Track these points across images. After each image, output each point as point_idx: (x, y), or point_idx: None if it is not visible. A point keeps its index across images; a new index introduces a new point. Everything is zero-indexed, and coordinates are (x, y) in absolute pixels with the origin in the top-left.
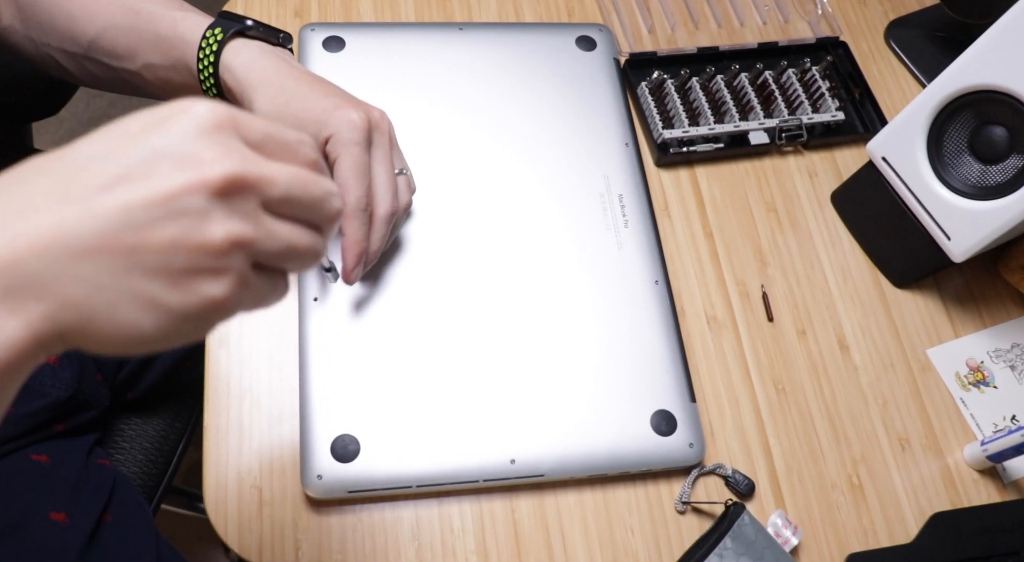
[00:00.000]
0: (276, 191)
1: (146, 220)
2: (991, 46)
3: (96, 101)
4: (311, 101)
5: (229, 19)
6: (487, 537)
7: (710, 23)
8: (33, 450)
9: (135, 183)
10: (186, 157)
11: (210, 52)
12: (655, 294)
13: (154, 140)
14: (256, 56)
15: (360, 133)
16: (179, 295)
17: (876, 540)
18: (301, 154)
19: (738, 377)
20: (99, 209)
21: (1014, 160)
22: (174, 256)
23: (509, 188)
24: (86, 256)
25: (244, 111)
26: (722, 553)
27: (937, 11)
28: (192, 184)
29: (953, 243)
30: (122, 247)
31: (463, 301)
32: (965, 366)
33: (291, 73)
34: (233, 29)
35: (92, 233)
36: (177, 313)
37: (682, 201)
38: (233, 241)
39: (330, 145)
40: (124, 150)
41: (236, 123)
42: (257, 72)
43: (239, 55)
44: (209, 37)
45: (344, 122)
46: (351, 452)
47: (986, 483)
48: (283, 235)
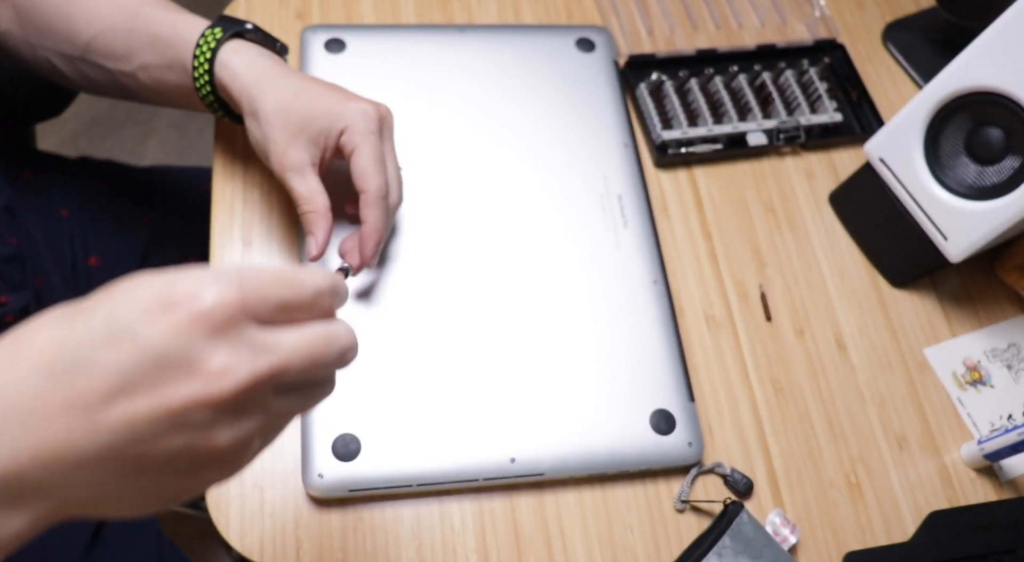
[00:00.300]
0: (290, 377)
1: (151, 434)
2: (987, 48)
3: (100, 103)
4: (320, 94)
5: (229, 22)
6: (487, 536)
7: (708, 25)
8: None
9: (139, 395)
10: (193, 365)
11: (207, 49)
12: (654, 294)
13: (158, 342)
14: (255, 57)
15: (375, 123)
16: (184, 485)
17: (874, 538)
18: (318, 309)
19: (736, 376)
20: (103, 424)
21: (1010, 161)
22: (179, 461)
23: (509, 189)
24: (90, 466)
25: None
26: (721, 551)
27: (934, 13)
28: (199, 399)
29: (950, 243)
30: (127, 459)
31: (463, 301)
32: (962, 365)
33: (291, 72)
34: (233, 30)
35: (96, 448)
36: (182, 496)
37: (681, 202)
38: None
39: (347, 136)
40: (127, 353)
41: (247, 307)
42: (258, 70)
43: (237, 54)
44: (208, 35)
45: (359, 113)
46: (352, 451)
47: (983, 482)
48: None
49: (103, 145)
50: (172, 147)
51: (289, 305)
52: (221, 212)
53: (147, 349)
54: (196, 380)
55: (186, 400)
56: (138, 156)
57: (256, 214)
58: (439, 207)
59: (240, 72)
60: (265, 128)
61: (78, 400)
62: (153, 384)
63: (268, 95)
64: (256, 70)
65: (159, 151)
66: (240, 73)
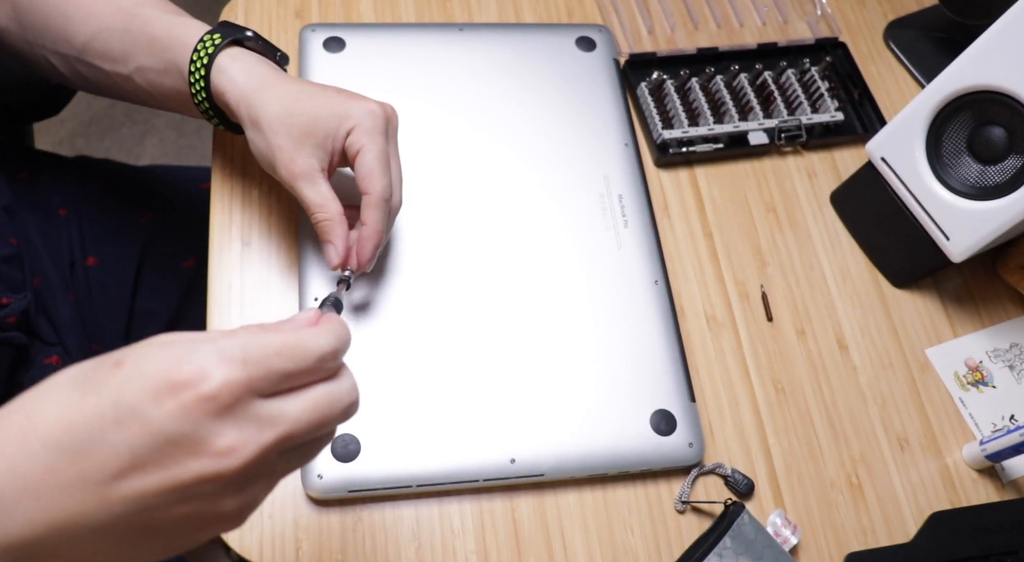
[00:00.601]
0: (296, 442)
1: (161, 505)
2: (990, 47)
3: (97, 102)
4: (322, 96)
5: (229, 28)
6: (487, 536)
7: (709, 24)
8: None
9: (149, 472)
10: (200, 444)
11: (204, 54)
12: (655, 294)
13: (166, 423)
14: (254, 64)
15: (382, 123)
16: (190, 540)
17: (875, 539)
18: (322, 371)
19: (737, 377)
20: (114, 498)
21: (1012, 160)
22: (187, 524)
23: (509, 188)
24: (103, 532)
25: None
26: (721, 552)
27: (936, 12)
28: (207, 476)
29: (952, 243)
30: (137, 526)
31: (463, 301)
32: (964, 366)
33: (290, 77)
34: (232, 37)
35: (109, 518)
36: (189, 548)
37: (682, 201)
38: (247, 504)
39: (354, 135)
40: (137, 433)
41: (251, 386)
42: (257, 77)
43: (235, 61)
44: (206, 40)
45: (366, 112)
46: (351, 452)
47: (985, 482)
48: (297, 465)
49: (101, 145)
50: (170, 147)
51: (293, 374)
52: (220, 212)
53: (155, 431)
54: (204, 458)
55: (195, 477)
56: (136, 156)
57: (255, 214)
58: (439, 206)
59: (238, 79)
60: (269, 136)
61: (91, 476)
62: (162, 462)
63: (268, 102)
64: (255, 77)
65: (157, 151)
66: (238, 80)
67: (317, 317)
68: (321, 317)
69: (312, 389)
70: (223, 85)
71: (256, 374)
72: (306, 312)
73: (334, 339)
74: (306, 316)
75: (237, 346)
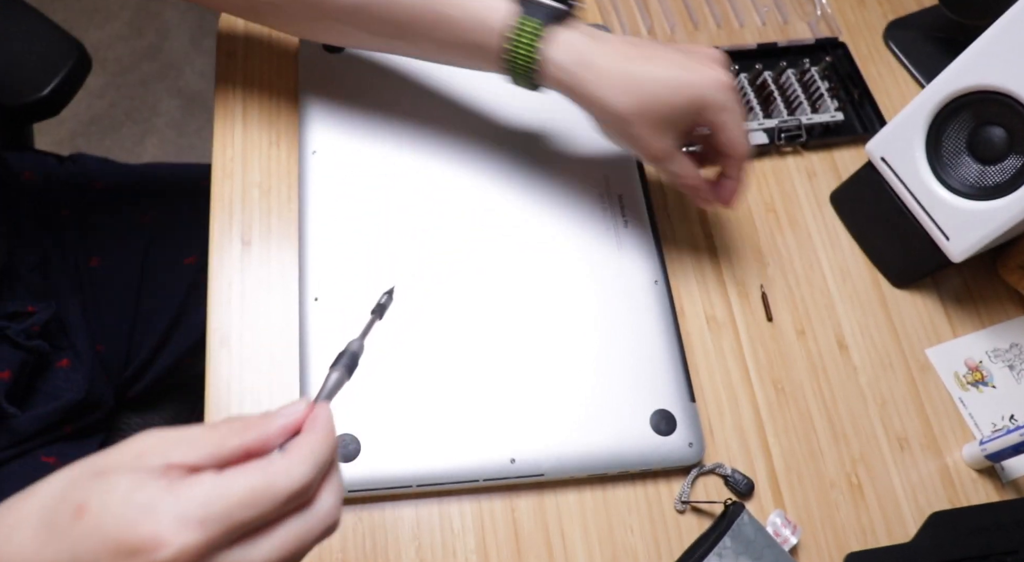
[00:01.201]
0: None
1: None
2: (990, 47)
3: (97, 102)
4: (667, 78)
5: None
6: (487, 536)
7: (709, 24)
8: (43, 452)
9: None
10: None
11: (526, 43)
12: (654, 294)
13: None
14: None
15: (733, 92)
16: None
17: (875, 539)
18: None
19: (737, 377)
20: None
21: (1012, 160)
22: None
23: (509, 188)
24: None
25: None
26: (721, 552)
27: (936, 12)
28: None
29: (952, 243)
30: None
31: (463, 301)
32: (964, 366)
33: (618, 54)
34: (543, 17)
35: None
36: None
37: (681, 201)
38: None
39: (711, 114)
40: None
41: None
42: (587, 63)
43: (559, 50)
44: (524, 27)
45: (716, 87)
46: (351, 452)
47: (984, 482)
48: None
49: (101, 144)
50: (170, 146)
51: (260, 519)
52: (220, 212)
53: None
54: None
55: None
56: (136, 156)
57: (255, 214)
58: (438, 206)
59: (571, 70)
60: (625, 128)
61: None
62: None
63: (615, 95)
64: (586, 65)
65: (157, 151)
66: (576, 72)
67: (307, 411)
68: (312, 411)
69: (283, 526)
70: (555, 77)
71: (216, 533)
72: (294, 407)
73: (309, 469)
74: (293, 413)
75: (197, 504)
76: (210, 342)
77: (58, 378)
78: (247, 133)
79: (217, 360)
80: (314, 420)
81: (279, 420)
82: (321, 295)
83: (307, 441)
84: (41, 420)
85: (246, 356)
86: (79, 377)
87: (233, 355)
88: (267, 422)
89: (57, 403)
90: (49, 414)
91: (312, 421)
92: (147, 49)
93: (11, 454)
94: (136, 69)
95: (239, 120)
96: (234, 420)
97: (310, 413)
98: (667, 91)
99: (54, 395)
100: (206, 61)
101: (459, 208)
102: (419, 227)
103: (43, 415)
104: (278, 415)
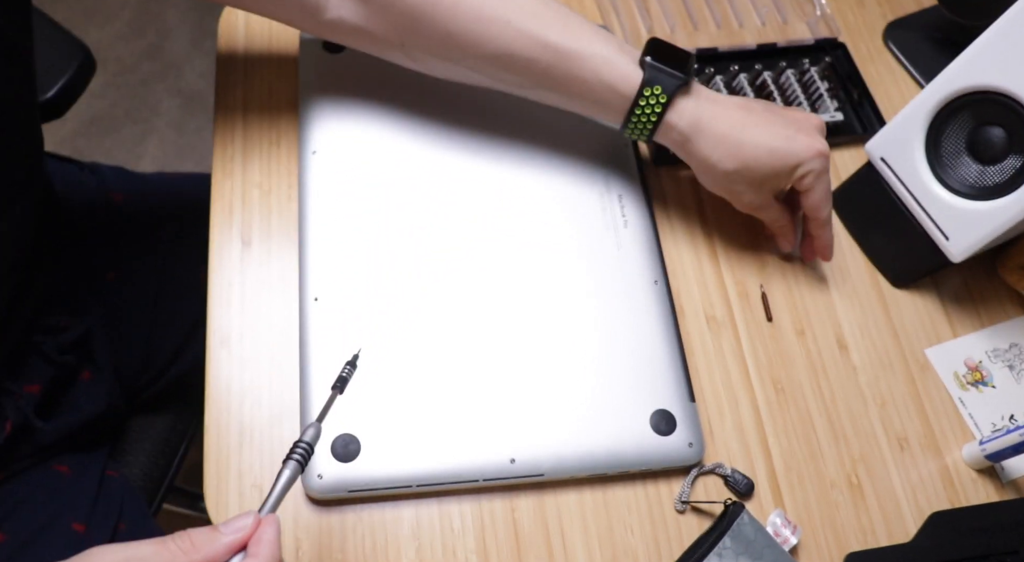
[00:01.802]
0: None
1: None
2: (989, 47)
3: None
4: (769, 145)
5: (660, 74)
6: (487, 536)
7: (709, 25)
8: (55, 461)
9: None
10: None
11: (651, 111)
12: (654, 294)
13: None
14: (696, 114)
15: (826, 162)
16: None
17: (875, 539)
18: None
19: (737, 377)
20: None
21: (1012, 160)
22: None
23: (509, 188)
24: None
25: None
26: (721, 552)
27: (935, 12)
28: None
29: (951, 243)
30: None
31: (463, 301)
32: (963, 366)
33: (729, 120)
34: (672, 87)
35: None
36: None
37: (681, 201)
38: None
39: (805, 179)
40: None
41: None
42: (702, 128)
43: (679, 116)
44: (649, 96)
45: (815, 156)
46: (351, 452)
47: (984, 482)
48: None
49: (102, 145)
50: (171, 146)
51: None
52: (220, 212)
53: None
54: None
55: None
56: (137, 156)
57: (255, 213)
58: (438, 206)
59: (686, 133)
60: (725, 183)
61: None
62: None
63: (720, 157)
64: (699, 130)
65: (158, 151)
66: (687, 134)
67: (254, 528)
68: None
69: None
70: (665, 133)
71: None
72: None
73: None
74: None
75: None
76: (210, 342)
77: (79, 391)
78: (247, 133)
79: (217, 360)
80: (258, 542)
81: (225, 538)
82: (321, 295)
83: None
84: (61, 432)
85: (246, 356)
86: (100, 391)
87: (233, 355)
88: (214, 540)
89: (79, 416)
90: (70, 426)
91: (255, 543)
92: (148, 49)
93: (28, 464)
94: (137, 69)
95: (239, 120)
96: (183, 537)
97: (255, 530)
98: (769, 158)
99: (76, 407)
100: (206, 61)
101: (458, 208)
102: (419, 227)
103: (64, 427)
104: (225, 533)
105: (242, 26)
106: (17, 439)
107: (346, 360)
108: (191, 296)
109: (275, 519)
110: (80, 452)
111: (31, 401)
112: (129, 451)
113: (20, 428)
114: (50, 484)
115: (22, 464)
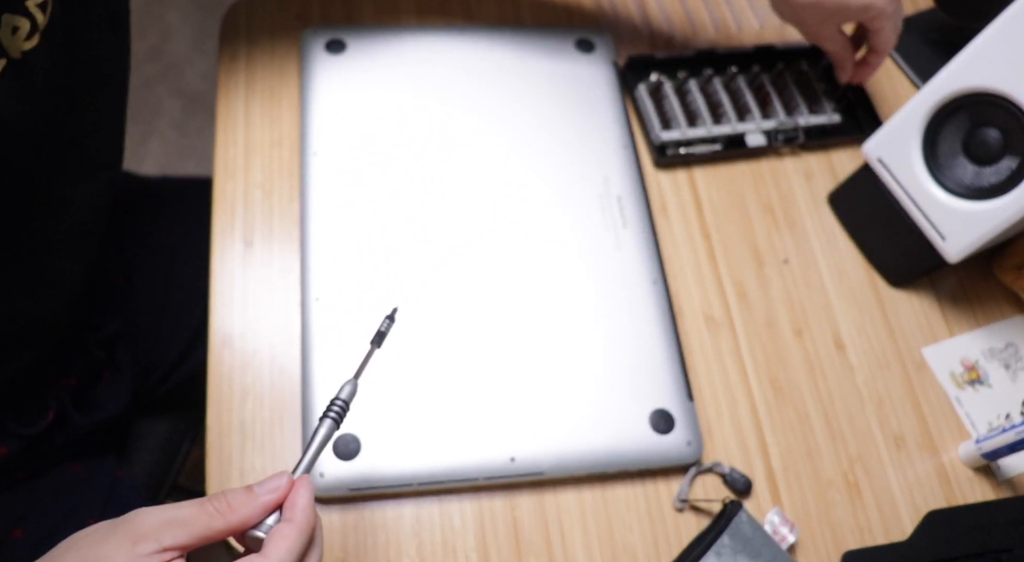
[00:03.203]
0: None
1: None
2: (985, 49)
3: None
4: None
5: None
6: (487, 535)
7: (707, 28)
8: (69, 461)
9: None
10: None
11: None
12: (653, 294)
13: None
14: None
15: (899, 6)
16: None
17: (872, 537)
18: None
19: (735, 376)
20: None
21: (1007, 161)
22: None
23: (509, 189)
24: None
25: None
26: (720, 550)
27: (932, 15)
28: None
29: (948, 243)
30: None
31: (463, 301)
32: (960, 365)
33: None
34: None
35: None
36: None
37: (680, 202)
38: None
39: (876, 20)
40: None
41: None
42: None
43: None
44: None
45: (889, 2)
46: (352, 450)
47: (981, 481)
48: None
49: None
50: (172, 147)
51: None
52: (222, 212)
53: None
54: None
55: None
56: (139, 157)
57: (257, 214)
58: (439, 207)
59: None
60: (800, 12)
61: None
62: None
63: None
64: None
65: (160, 152)
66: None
67: (287, 489)
68: (292, 488)
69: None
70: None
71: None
72: (275, 482)
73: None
74: (275, 490)
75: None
76: (212, 342)
77: (101, 390)
78: (249, 134)
79: (219, 359)
80: (292, 507)
81: (261, 498)
82: (323, 295)
83: (285, 535)
84: (90, 428)
85: (248, 355)
86: (121, 390)
87: (235, 354)
88: (251, 500)
89: (102, 414)
90: (94, 424)
91: (290, 507)
92: (149, 51)
93: (54, 460)
94: (138, 70)
95: (241, 121)
96: (219, 498)
97: (289, 491)
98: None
99: (99, 406)
100: (208, 62)
101: (459, 209)
102: (420, 227)
103: (91, 424)
104: (260, 493)
105: (244, 27)
106: (54, 430)
107: (385, 315)
108: (196, 299)
109: (308, 481)
110: (93, 452)
111: (70, 393)
112: (133, 450)
113: (59, 419)
114: (65, 481)
115: (49, 460)
